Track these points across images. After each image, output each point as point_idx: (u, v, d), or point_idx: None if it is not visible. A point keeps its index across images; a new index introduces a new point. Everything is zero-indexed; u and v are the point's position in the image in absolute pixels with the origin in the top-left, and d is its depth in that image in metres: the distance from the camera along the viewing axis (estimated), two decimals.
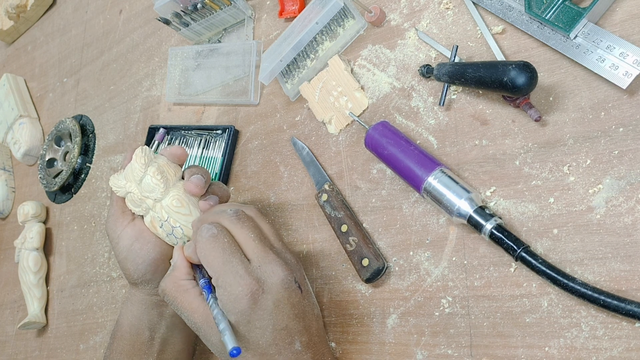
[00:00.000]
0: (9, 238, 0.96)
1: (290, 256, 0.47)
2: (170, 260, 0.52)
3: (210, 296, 0.45)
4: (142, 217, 0.55)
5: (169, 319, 0.57)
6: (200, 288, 0.47)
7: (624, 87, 0.41)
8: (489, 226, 0.43)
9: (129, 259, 0.54)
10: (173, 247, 0.54)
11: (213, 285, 0.46)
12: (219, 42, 0.74)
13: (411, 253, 0.50)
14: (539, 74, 0.43)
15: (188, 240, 0.53)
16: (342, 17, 0.59)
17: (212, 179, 0.62)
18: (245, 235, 0.46)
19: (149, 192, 0.52)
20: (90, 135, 0.88)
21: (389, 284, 0.51)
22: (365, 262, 0.51)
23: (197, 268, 0.49)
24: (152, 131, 0.76)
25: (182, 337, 0.58)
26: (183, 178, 0.54)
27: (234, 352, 0.39)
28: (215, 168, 0.67)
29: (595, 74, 0.43)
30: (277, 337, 0.44)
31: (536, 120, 0.44)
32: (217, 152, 0.68)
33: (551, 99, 0.45)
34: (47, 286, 0.85)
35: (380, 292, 0.51)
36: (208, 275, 0.47)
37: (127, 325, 0.56)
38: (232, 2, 0.68)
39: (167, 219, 0.52)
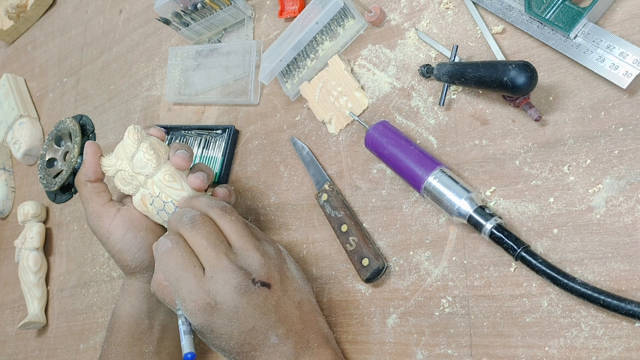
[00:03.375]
0: (9, 238, 0.96)
1: (253, 253, 0.46)
2: None
3: (178, 301, 0.46)
4: (122, 206, 0.56)
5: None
6: None
7: (624, 87, 0.41)
8: (489, 226, 0.43)
9: (124, 250, 0.54)
10: (166, 229, 0.55)
11: None
12: (219, 42, 0.74)
13: (411, 253, 0.50)
14: (539, 74, 0.43)
15: None
16: (342, 17, 0.59)
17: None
18: (199, 243, 0.46)
19: (141, 167, 0.52)
20: (90, 135, 0.88)
21: (389, 284, 0.51)
22: (365, 262, 0.51)
23: None
24: None
25: None
26: None
27: (188, 356, 0.42)
28: (216, 168, 0.67)
29: (595, 73, 0.43)
30: (247, 337, 0.44)
31: (536, 120, 0.44)
32: (217, 152, 0.68)
33: (551, 98, 0.45)
34: (47, 286, 0.85)
35: (380, 292, 0.51)
36: None
37: (125, 316, 0.56)
38: (232, 2, 0.68)
39: (158, 195, 0.52)
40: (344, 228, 0.53)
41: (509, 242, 0.42)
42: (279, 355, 0.45)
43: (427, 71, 0.51)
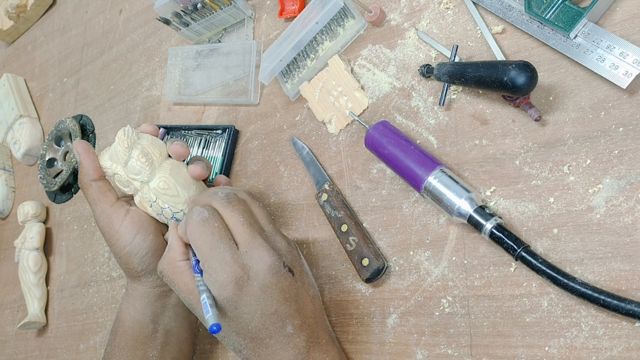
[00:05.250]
0: (9, 238, 0.96)
1: (281, 239, 0.47)
2: (166, 237, 0.54)
3: (198, 276, 0.45)
4: (131, 206, 0.55)
5: (172, 310, 0.57)
6: None
7: (624, 87, 0.41)
8: (489, 226, 0.43)
9: (132, 253, 0.53)
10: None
11: None
12: (219, 42, 0.74)
13: (411, 253, 0.50)
14: (539, 74, 0.43)
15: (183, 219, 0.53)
16: (342, 16, 0.59)
17: (212, 179, 0.62)
18: (235, 219, 0.46)
19: (135, 174, 0.52)
20: (90, 135, 0.88)
21: (389, 284, 0.51)
22: (365, 261, 0.51)
23: (190, 247, 0.49)
24: None
25: (186, 325, 0.58)
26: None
27: (214, 328, 0.41)
28: (216, 168, 0.67)
29: (595, 73, 0.43)
30: (267, 322, 0.44)
31: (536, 120, 0.44)
32: (217, 152, 0.68)
33: (551, 98, 0.46)
34: (47, 286, 0.85)
35: (380, 292, 0.51)
36: None
37: (130, 320, 0.56)
38: (232, 2, 0.68)
39: (155, 200, 0.52)
40: (344, 228, 0.53)
41: (509, 242, 0.42)
42: (292, 346, 0.45)
43: (427, 71, 0.51)
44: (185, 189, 0.53)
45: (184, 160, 0.55)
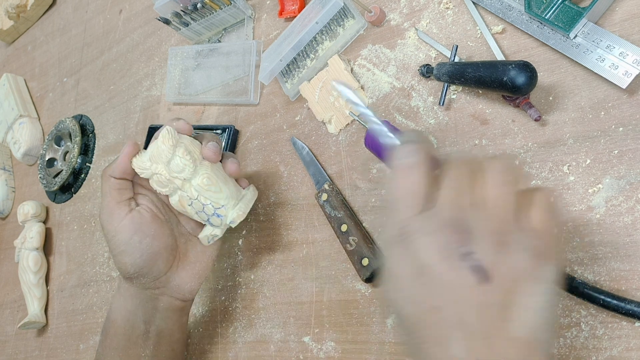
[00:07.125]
0: (9, 238, 0.96)
1: None
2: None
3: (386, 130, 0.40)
4: (136, 206, 0.55)
5: (164, 312, 0.56)
6: None
7: (624, 87, 0.41)
8: None
9: (126, 252, 0.53)
10: (174, 239, 0.55)
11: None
12: (219, 41, 0.74)
13: None
14: (538, 74, 0.43)
15: (220, 223, 0.54)
16: (342, 16, 0.59)
17: None
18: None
19: (178, 172, 0.52)
20: (90, 135, 0.88)
21: None
22: (365, 261, 0.51)
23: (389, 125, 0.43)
24: (152, 131, 0.76)
25: (178, 326, 0.57)
26: None
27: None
28: None
29: (595, 73, 0.43)
30: None
31: (536, 120, 0.44)
32: None
33: (551, 98, 0.46)
34: (47, 286, 0.85)
35: (380, 292, 0.51)
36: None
37: (121, 320, 0.55)
38: (232, 2, 0.68)
39: (197, 197, 0.52)
40: (344, 228, 0.53)
41: None
42: None
43: (427, 71, 0.51)
44: (225, 184, 0.53)
45: None
